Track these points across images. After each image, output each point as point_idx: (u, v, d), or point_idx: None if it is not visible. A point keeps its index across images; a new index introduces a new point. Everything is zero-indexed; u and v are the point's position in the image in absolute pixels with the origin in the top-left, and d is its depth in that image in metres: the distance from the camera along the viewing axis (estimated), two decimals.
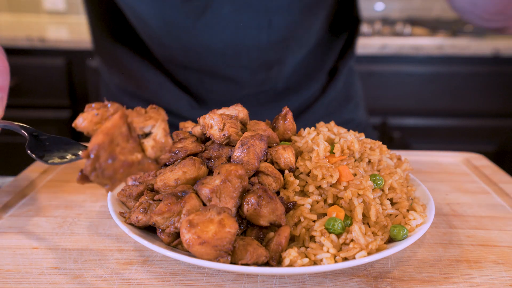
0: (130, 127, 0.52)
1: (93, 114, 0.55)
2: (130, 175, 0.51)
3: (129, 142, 0.51)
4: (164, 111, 0.57)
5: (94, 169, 0.49)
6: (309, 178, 0.69)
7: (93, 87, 2.42)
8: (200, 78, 1.17)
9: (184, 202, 0.59)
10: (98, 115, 0.55)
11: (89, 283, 0.60)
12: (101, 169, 0.49)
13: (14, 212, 0.79)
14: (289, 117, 0.78)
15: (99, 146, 0.48)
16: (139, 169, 0.52)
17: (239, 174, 0.61)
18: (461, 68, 2.34)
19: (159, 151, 0.54)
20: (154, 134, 0.54)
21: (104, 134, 0.49)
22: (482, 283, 0.62)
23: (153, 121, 0.54)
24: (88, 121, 0.54)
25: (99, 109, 0.55)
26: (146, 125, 0.54)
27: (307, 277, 0.63)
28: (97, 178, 0.49)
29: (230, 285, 0.61)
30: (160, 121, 0.55)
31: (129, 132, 0.51)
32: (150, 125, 0.54)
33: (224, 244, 0.55)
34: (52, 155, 0.65)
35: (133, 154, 0.51)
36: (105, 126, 0.50)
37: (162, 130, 0.54)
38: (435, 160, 1.08)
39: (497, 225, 0.78)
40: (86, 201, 0.83)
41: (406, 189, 0.74)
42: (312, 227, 0.64)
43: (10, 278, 0.61)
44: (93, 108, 0.55)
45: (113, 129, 0.50)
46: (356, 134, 0.79)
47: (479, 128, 2.46)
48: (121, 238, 0.71)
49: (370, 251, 0.60)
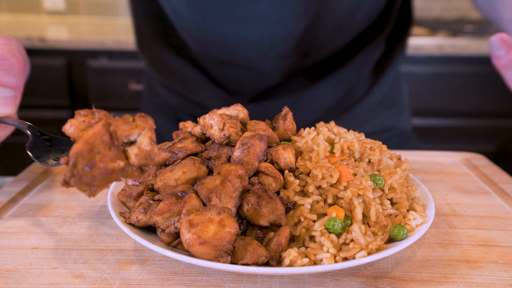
0: (113, 135, 0.53)
1: (80, 121, 0.56)
2: (111, 182, 0.53)
3: (111, 150, 0.53)
4: (152, 120, 0.58)
5: (72, 175, 0.51)
6: (309, 178, 0.69)
7: (93, 87, 2.42)
8: (236, 72, 1.16)
9: (184, 202, 0.59)
10: (85, 122, 0.56)
11: (89, 283, 0.60)
12: (79, 176, 0.50)
13: (14, 212, 0.79)
14: (289, 117, 0.78)
15: (77, 154, 0.50)
16: (122, 175, 0.54)
17: (239, 174, 0.61)
18: (461, 68, 2.35)
19: (143, 159, 0.55)
20: (139, 142, 0.55)
21: (84, 142, 0.51)
22: (482, 283, 0.62)
23: (139, 129, 0.55)
24: (75, 127, 0.56)
25: (86, 116, 0.57)
26: (132, 133, 0.55)
27: (307, 277, 0.63)
28: (76, 184, 0.51)
29: (230, 285, 0.61)
30: (146, 130, 0.55)
31: (112, 140, 0.53)
32: (136, 133, 0.55)
33: (224, 244, 0.55)
34: (49, 156, 0.67)
35: (114, 161, 0.53)
36: (86, 134, 0.52)
37: (148, 139, 0.55)
38: (435, 160, 1.08)
39: (497, 225, 0.78)
40: (86, 201, 0.83)
41: (406, 189, 0.74)
42: (312, 227, 0.64)
43: (10, 278, 0.61)
44: (81, 115, 0.56)
45: (93, 137, 0.51)
46: (356, 134, 0.79)
47: (479, 128, 2.46)
48: (121, 238, 0.71)
49: (370, 251, 0.60)
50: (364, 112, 1.26)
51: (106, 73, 2.39)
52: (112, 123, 0.54)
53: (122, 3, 3.06)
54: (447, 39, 2.37)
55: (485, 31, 2.51)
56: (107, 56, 2.37)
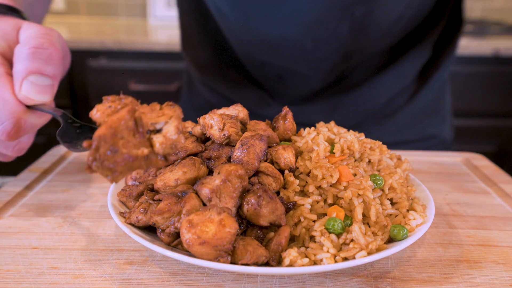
0: (138, 121, 0.52)
1: (106, 107, 0.55)
2: (133, 169, 0.52)
3: (135, 137, 0.52)
4: (180, 109, 0.57)
5: (94, 159, 0.50)
6: (309, 178, 0.69)
7: (93, 87, 2.42)
8: (278, 73, 1.15)
9: (184, 202, 0.59)
10: (111, 108, 0.55)
11: (89, 283, 0.60)
12: (100, 160, 0.50)
13: (14, 212, 0.79)
14: (289, 117, 0.78)
15: (99, 137, 0.49)
16: (146, 164, 0.53)
17: (239, 174, 0.61)
18: (461, 68, 2.35)
19: (169, 148, 0.54)
20: (165, 130, 0.54)
21: (108, 126, 0.50)
22: (482, 283, 0.62)
23: (166, 117, 0.55)
24: (101, 112, 0.55)
25: (113, 101, 0.56)
26: (158, 121, 0.54)
27: (307, 277, 0.63)
28: (98, 168, 0.50)
29: (230, 285, 0.61)
30: (173, 118, 0.55)
31: (136, 127, 0.52)
32: (163, 122, 0.54)
33: (224, 244, 0.55)
34: (78, 143, 0.68)
35: (138, 148, 0.52)
36: (110, 118, 0.51)
37: (174, 127, 0.54)
38: (435, 160, 1.08)
39: (497, 225, 0.78)
40: (86, 201, 0.83)
41: (406, 189, 0.74)
42: (312, 227, 0.64)
43: (10, 278, 0.61)
44: (108, 101, 0.56)
45: (117, 122, 0.50)
46: (356, 134, 0.79)
47: (479, 128, 2.46)
48: (121, 238, 0.71)
49: (370, 251, 0.60)
50: (406, 119, 1.21)
51: (106, 73, 2.39)
52: (138, 110, 0.53)
53: (122, 3, 3.06)
54: None
55: (485, 31, 2.50)
56: (107, 56, 2.37)
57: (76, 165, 1.00)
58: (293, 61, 1.11)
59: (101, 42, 2.34)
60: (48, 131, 2.51)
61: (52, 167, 0.98)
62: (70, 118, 0.73)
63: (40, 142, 2.51)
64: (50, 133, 2.53)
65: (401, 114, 1.21)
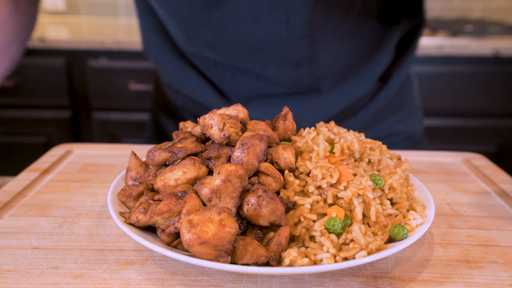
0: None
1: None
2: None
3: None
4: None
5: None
6: (309, 178, 0.69)
7: (93, 87, 2.42)
8: (232, 73, 1.15)
9: (184, 202, 0.59)
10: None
11: (89, 283, 0.60)
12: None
13: (14, 212, 0.79)
14: (289, 117, 0.78)
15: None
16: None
17: (239, 174, 0.61)
18: (461, 68, 2.35)
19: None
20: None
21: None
22: (482, 283, 0.62)
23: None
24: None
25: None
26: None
27: (307, 277, 0.63)
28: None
29: (230, 285, 0.61)
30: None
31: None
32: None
33: (224, 244, 0.55)
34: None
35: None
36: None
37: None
38: (435, 160, 1.08)
39: (497, 225, 0.78)
40: (86, 201, 0.83)
41: (406, 189, 0.74)
42: (312, 227, 0.64)
43: (10, 278, 0.61)
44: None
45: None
46: (356, 134, 0.79)
47: (479, 128, 2.46)
48: (121, 238, 0.71)
49: (370, 251, 0.60)
50: (368, 117, 1.21)
51: (106, 73, 2.39)
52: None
53: (122, 3, 3.06)
54: (447, 39, 2.37)
55: (485, 31, 2.50)
56: (107, 56, 2.37)
57: (76, 165, 1.00)
58: (243, 63, 1.11)
59: (101, 42, 2.34)
60: (48, 131, 2.51)
61: (52, 167, 0.98)
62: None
63: (40, 142, 2.51)
64: (50, 133, 2.54)
65: (363, 112, 1.20)
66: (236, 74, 1.15)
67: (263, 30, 1.03)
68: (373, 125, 1.21)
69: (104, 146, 1.11)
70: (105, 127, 2.50)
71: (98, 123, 2.49)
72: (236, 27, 1.03)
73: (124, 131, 2.52)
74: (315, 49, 1.07)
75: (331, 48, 1.09)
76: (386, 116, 1.22)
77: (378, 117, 1.22)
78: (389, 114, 1.23)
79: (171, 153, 0.69)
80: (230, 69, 1.15)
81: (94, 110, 2.47)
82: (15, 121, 2.47)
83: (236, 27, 1.03)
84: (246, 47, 1.07)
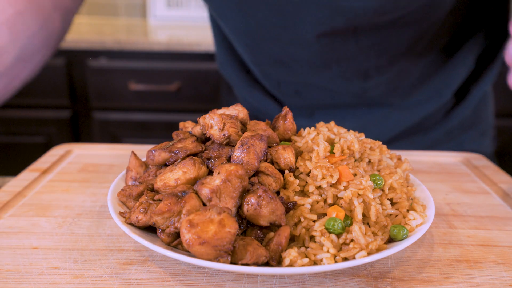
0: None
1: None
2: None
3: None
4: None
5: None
6: (309, 178, 0.69)
7: (93, 87, 2.42)
8: (296, 90, 1.15)
9: (184, 202, 0.59)
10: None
11: (89, 283, 0.60)
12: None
13: (14, 212, 0.79)
14: (289, 117, 0.78)
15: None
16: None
17: (239, 174, 0.61)
18: None
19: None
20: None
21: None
22: (482, 283, 0.62)
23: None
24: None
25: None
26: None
27: (307, 277, 0.63)
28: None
29: (230, 285, 0.61)
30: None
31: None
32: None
33: (224, 244, 0.55)
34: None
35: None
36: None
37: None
38: (435, 160, 1.08)
39: (497, 225, 0.78)
40: (86, 201, 0.83)
41: (406, 189, 0.74)
42: (312, 227, 0.64)
43: (10, 278, 0.61)
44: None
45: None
46: (356, 134, 0.79)
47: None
48: (121, 238, 0.71)
49: (370, 251, 0.60)
50: (440, 135, 1.15)
51: (106, 73, 2.39)
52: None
53: (122, 3, 3.06)
54: None
55: None
56: (107, 56, 2.37)
57: (76, 165, 1.00)
58: (308, 77, 1.10)
59: (101, 42, 2.34)
60: (48, 131, 2.51)
61: (52, 167, 0.98)
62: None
63: (40, 142, 2.51)
64: (50, 133, 2.54)
65: (434, 129, 1.15)
66: (300, 90, 1.14)
67: (331, 48, 1.01)
68: (443, 142, 1.16)
69: (104, 146, 1.11)
70: (105, 127, 2.50)
71: (98, 123, 2.49)
72: (304, 45, 1.02)
73: (124, 131, 2.52)
74: (385, 59, 1.03)
75: (404, 60, 1.04)
76: (458, 135, 1.16)
77: (450, 135, 1.16)
78: (462, 132, 1.17)
79: (171, 153, 0.69)
80: (294, 86, 1.14)
81: (94, 110, 2.47)
82: (15, 121, 2.47)
83: (304, 45, 1.02)
84: (313, 64, 1.05)
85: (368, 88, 1.09)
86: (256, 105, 1.26)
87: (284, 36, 1.02)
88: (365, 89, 1.09)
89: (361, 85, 1.08)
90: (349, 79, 1.07)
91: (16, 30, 0.88)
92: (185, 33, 2.71)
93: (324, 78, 1.09)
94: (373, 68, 1.05)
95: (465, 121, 1.16)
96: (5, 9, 0.87)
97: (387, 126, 1.15)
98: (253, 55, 1.13)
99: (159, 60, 2.39)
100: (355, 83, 1.08)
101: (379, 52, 1.02)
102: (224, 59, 1.27)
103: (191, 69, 2.41)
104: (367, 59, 1.03)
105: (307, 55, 1.05)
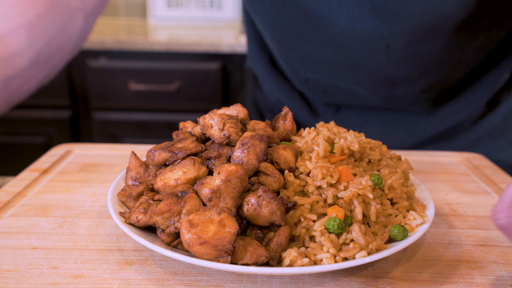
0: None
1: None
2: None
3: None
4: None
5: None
6: (309, 178, 0.69)
7: (93, 87, 2.42)
8: (323, 89, 1.16)
9: (184, 202, 0.59)
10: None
11: (89, 283, 0.60)
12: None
13: (14, 212, 0.79)
14: (289, 117, 0.78)
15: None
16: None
17: (239, 174, 0.61)
18: None
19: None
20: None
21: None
22: (482, 283, 0.62)
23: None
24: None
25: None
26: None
27: (307, 277, 0.63)
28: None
29: (230, 285, 0.61)
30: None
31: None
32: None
33: (224, 244, 0.55)
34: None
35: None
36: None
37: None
38: (435, 160, 1.08)
39: None
40: (86, 201, 0.83)
41: (406, 189, 0.74)
42: (312, 227, 0.64)
43: (10, 278, 0.61)
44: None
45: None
46: (356, 134, 0.79)
47: None
48: (121, 238, 0.71)
49: (370, 251, 0.60)
50: (466, 142, 1.13)
51: (106, 73, 2.39)
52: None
53: (122, 3, 3.06)
54: None
55: None
56: (107, 56, 2.37)
57: (76, 165, 1.00)
58: (335, 79, 1.11)
59: (101, 42, 2.34)
60: (48, 131, 2.51)
61: (52, 167, 0.98)
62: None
63: (40, 142, 2.51)
64: (50, 133, 2.54)
65: (461, 137, 1.14)
66: (327, 89, 1.15)
67: (360, 55, 1.02)
68: (469, 150, 1.15)
69: (104, 146, 1.11)
70: (105, 127, 2.50)
71: (98, 123, 2.49)
72: (334, 49, 1.03)
73: (124, 131, 2.52)
74: (414, 71, 1.03)
75: (433, 71, 1.03)
76: (485, 143, 1.15)
77: (476, 144, 1.15)
78: (489, 141, 1.16)
79: (171, 153, 0.69)
80: (321, 85, 1.15)
81: (94, 110, 2.47)
82: (15, 121, 2.47)
83: (334, 49, 1.03)
84: (341, 67, 1.06)
85: (396, 96, 1.09)
86: (283, 100, 1.27)
87: (315, 36, 1.03)
88: (393, 96, 1.09)
89: (389, 92, 1.08)
90: (376, 85, 1.07)
91: (35, 33, 0.86)
92: (185, 33, 2.71)
93: (351, 81, 1.10)
94: (401, 79, 1.04)
95: (493, 130, 1.14)
96: (26, 12, 0.84)
97: (414, 131, 1.15)
98: (283, 51, 1.14)
99: (159, 60, 2.39)
100: (382, 89, 1.08)
101: (410, 65, 1.02)
102: (255, 52, 1.28)
103: (191, 69, 2.41)
104: (397, 70, 1.03)
105: (335, 57, 1.05)
